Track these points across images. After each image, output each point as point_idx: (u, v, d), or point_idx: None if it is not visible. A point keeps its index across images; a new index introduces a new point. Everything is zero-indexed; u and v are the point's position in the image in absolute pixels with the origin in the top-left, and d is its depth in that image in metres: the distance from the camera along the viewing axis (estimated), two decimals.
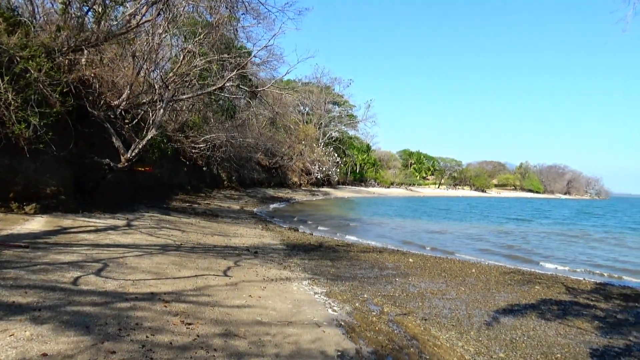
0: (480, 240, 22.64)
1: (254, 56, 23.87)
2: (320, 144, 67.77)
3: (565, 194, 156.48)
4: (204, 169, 33.45)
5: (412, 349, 6.11)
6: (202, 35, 18.34)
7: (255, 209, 29.57)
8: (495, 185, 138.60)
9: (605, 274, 14.63)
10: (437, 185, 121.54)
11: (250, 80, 29.26)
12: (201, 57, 17.97)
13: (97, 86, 15.42)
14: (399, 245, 18.34)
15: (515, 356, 6.42)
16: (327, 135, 73.11)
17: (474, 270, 13.09)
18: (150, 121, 16.50)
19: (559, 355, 6.58)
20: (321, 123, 71.35)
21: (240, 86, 23.15)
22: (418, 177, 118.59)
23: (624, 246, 23.18)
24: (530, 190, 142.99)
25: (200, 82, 20.15)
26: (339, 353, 5.35)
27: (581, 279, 13.27)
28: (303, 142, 58.22)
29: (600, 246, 22.59)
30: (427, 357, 5.94)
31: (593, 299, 10.44)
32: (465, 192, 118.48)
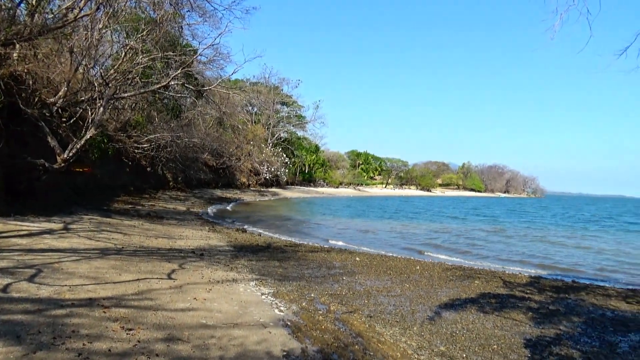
0: (418, 238, 23.34)
1: (200, 54, 23.43)
2: (269, 144, 67.36)
3: (504, 192, 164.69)
4: (148, 169, 32.43)
5: (357, 346, 6.22)
6: (145, 32, 17.79)
7: (201, 210, 28.98)
8: (440, 185, 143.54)
9: (539, 270, 15.52)
10: (384, 185, 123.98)
11: (196, 79, 28.68)
12: (144, 55, 17.41)
13: (31, 82, 14.59)
14: (344, 246, 18.57)
15: (455, 349, 6.69)
16: (276, 136, 72.74)
17: (418, 267, 13.48)
18: (90, 120, 15.79)
19: (495, 346, 6.92)
20: (270, 123, 70.87)
21: (186, 85, 22.71)
22: (366, 177, 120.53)
23: (550, 242, 24.60)
24: (472, 189, 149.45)
25: (143, 80, 19.56)
26: (285, 353, 5.36)
27: (517, 273, 14.01)
28: (251, 142, 57.52)
29: (532, 243, 23.82)
30: (372, 353, 6.08)
31: (528, 291, 11.04)
32: (412, 191, 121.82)
